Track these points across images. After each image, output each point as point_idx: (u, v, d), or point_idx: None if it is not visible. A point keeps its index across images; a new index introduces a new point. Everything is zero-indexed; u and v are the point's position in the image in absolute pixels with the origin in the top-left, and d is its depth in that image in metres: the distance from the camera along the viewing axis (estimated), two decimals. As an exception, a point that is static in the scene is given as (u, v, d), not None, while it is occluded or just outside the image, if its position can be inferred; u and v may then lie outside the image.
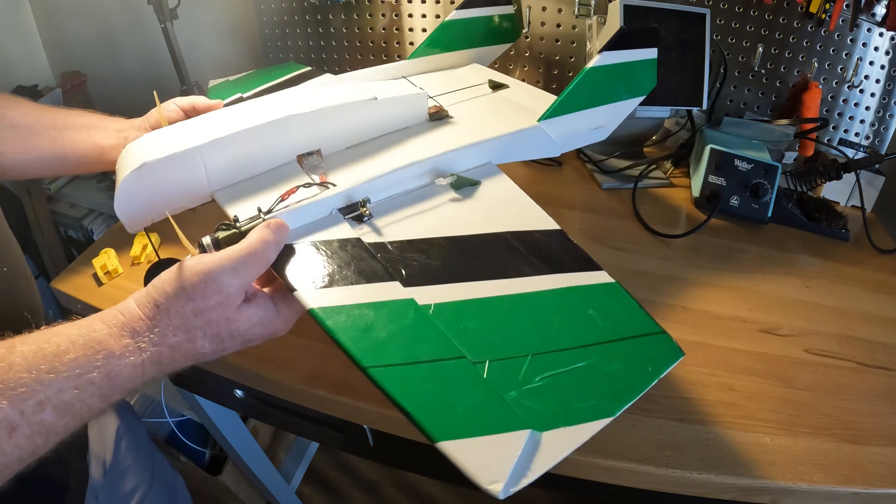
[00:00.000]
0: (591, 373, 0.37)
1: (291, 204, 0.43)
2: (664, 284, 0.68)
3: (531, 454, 0.32)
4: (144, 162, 0.42)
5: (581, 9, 0.87)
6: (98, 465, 0.61)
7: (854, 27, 0.85)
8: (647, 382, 0.36)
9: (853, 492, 0.48)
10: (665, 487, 0.50)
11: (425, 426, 0.33)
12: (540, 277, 0.42)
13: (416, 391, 0.34)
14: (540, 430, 0.33)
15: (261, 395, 0.64)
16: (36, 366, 0.32)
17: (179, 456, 1.13)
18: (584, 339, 0.38)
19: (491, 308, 0.40)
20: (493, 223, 0.46)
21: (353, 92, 0.53)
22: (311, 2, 1.03)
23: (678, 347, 0.39)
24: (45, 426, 0.32)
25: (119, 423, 0.67)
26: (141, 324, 0.36)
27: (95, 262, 0.67)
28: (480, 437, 0.32)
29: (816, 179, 0.84)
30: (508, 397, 0.35)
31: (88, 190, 1.34)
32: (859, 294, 0.69)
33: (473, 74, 0.71)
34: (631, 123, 0.88)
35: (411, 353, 0.36)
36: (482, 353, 0.37)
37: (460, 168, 0.51)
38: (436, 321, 0.38)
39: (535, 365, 0.36)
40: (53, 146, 0.55)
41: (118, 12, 1.23)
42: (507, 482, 0.31)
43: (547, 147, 0.59)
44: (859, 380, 0.57)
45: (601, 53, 0.57)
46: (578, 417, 0.34)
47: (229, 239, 0.41)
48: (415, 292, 0.40)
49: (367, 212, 0.45)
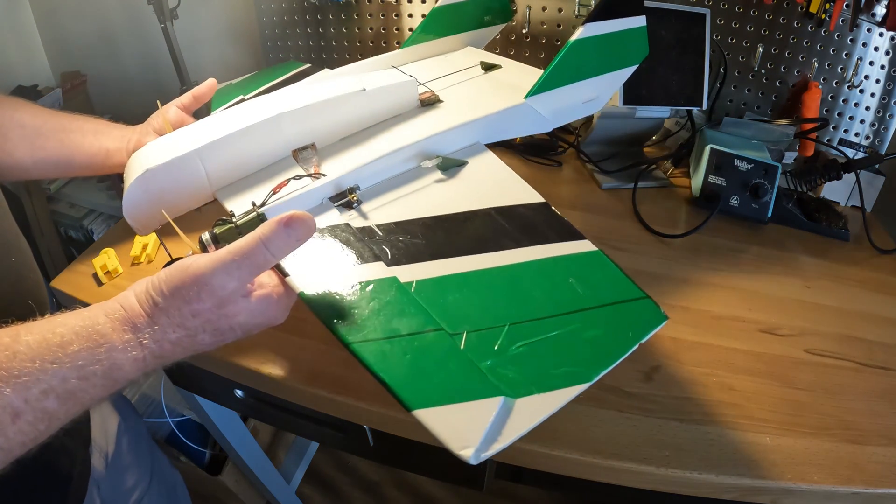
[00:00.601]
0: (569, 340, 0.37)
1: (283, 196, 0.45)
2: (664, 284, 0.68)
3: (503, 420, 0.33)
4: (148, 168, 0.45)
5: (581, 9, 0.87)
6: (100, 456, 0.62)
7: (854, 27, 0.85)
8: (627, 347, 0.37)
9: (853, 492, 0.48)
10: (665, 487, 0.50)
11: (401, 395, 0.34)
12: (521, 250, 0.43)
13: (394, 363, 0.36)
14: (514, 396, 0.34)
15: (261, 395, 0.64)
16: (40, 356, 0.32)
17: (179, 456, 1.13)
18: (563, 307, 0.39)
19: (471, 282, 0.41)
20: (478, 200, 0.47)
21: (343, 85, 0.53)
22: (310, 2, 1.03)
23: (661, 312, 0.39)
24: (47, 413, 0.33)
25: (120, 419, 0.68)
26: (142, 320, 0.36)
27: (95, 262, 0.67)
28: (454, 405, 0.34)
29: (816, 179, 0.84)
30: (483, 366, 0.36)
31: (88, 190, 1.34)
32: (859, 294, 0.69)
33: (467, 58, 0.71)
34: (631, 123, 0.89)
35: (392, 328, 0.38)
36: (460, 325, 0.38)
37: (448, 150, 0.53)
38: (417, 297, 0.40)
39: (513, 334, 0.37)
40: (61, 148, 0.56)
41: (118, 12, 1.23)
42: (478, 447, 0.32)
43: (537, 123, 0.59)
44: (859, 380, 0.57)
45: (584, 25, 0.56)
46: (554, 384, 0.35)
47: (226, 234, 0.42)
48: (398, 271, 0.41)
49: (355, 198, 0.47)
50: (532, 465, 0.52)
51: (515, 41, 0.99)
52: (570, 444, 0.50)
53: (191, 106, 0.59)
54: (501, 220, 0.46)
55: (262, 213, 0.44)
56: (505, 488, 1.31)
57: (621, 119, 0.87)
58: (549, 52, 0.98)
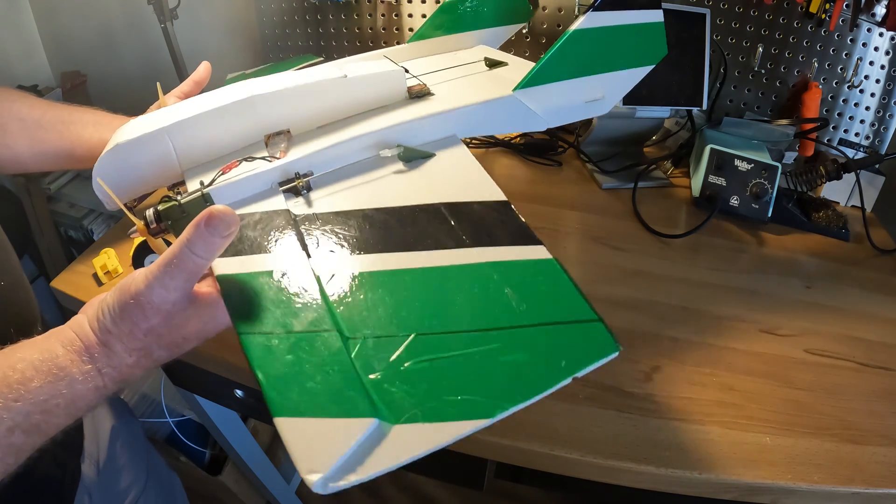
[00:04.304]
0: (482, 362, 0.31)
1: (232, 177, 0.44)
2: (664, 284, 0.68)
3: (370, 448, 0.28)
4: (117, 143, 0.45)
5: (581, 8, 0.87)
6: (91, 464, 0.61)
7: (854, 27, 0.85)
8: (555, 380, 0.30)
9: (853, 492, 0.48)
10: (665, 487, 0.50)
11: (269, 398, 0.30)
12: (460, 251, 0.38)
13: (274, 361, 0.32)
14: (392, 421, 0.28)
15: (261, 395, 0.64)
16: (2, 394, 0.33)
17: (179, 456, 1.13)
18: (486, 322, 0.33)
19: (391, 281, 0.36)
20: (431, 194, 0.43)
21: (323, 71, 0.52)
22: (310, 1, 1.03)
23: (613, 340, 0.32)
24: (14, 447, 0.33)
25: (114, 421, 0.67)
26: (97, 349, 0.36)
27: (95, 262, 0.67)
28: (318, 419, 0.29)
29: (816, 179, 0.84)
30: (367, 379, 0.30)
31: (88, 190, 1.33)
32: (859, 294, 0.69)
33: (475, 56, 0.68)
34: (631, 123, 0.89)
35: (285, 323, 0.34)
36: (360, 329, 0.33)
37: (421, 141, 0.49)
38: (326, 292, 0.35)
39: (416, 346, 0.32)
40: (61, 140, 0.55)
41: (118, 12, 1.23)
42: (328, 474, 0.27)
43: (527, 120, 0.54)
44: (859, 380, 0.57)
45: (587, 14, 0.49)
46: (444, 414, 0.29)
47: (169, 211, 0.42)
48: (319, 263, 0.38)
49: (302, 184, 0.44)
50: (532, 465, 0.52)
51: (515, 41, 0.99)
52: (570, 444, 0.49)
53: (192, 92, 0.58)
54: (449, 216, 0.41)
55: (207, 193, 0.42)
56: (505, 488, 1.31)
57: (621, 119, 0.86)
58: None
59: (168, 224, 0.42)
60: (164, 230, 0.43)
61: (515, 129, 0.55)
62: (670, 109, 0.87)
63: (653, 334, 0.61)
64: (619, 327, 0.61)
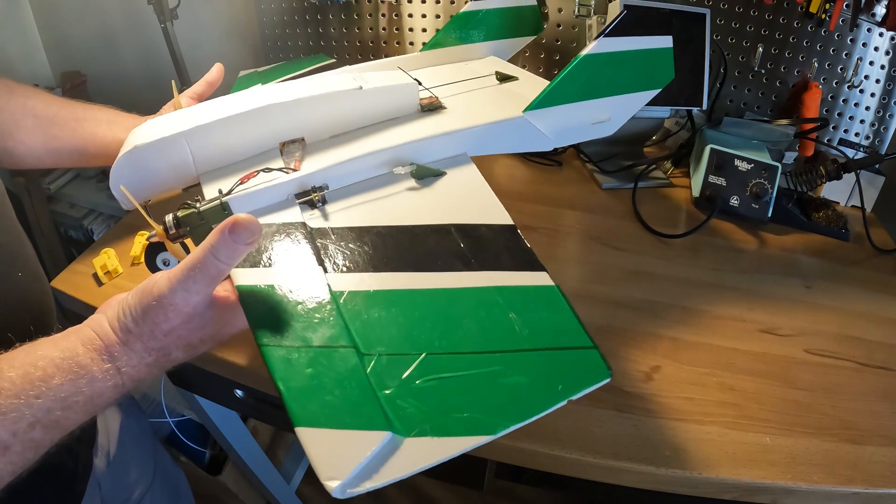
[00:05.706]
0: (484, 382, 0.34)
1: (250, 187, 0.45)
2: (664, 284, 0.68)
3: (384, 458, 0.30)
4: (136, 145, 0.45)
5: (581, 9, 0.87)
6: (102, 456, 0.62)
7: (854, 27, 0.85)
8: (552, 402, 0.32)
9: (853, 492, 0.48)
10: (665, 487, 0.50)
11: (290, 409, 0.32)
12: (468, 273, 0.40)
13: (295, 374, 0.34)
14: (404, 434, 0.31)
15: (261, 395, 0.64)
16: (25, 391, 0.34)
17: (179, 456, 1.13)
18: (491, 345, 0.36)
19: (403, 301, 0.38)
20: (442, 214, 0.45)
21: (339, 81, 0.53)
22: (311, 2, 1.03)
23: (605, 367, 0.34)
24: (34, 442, 0.34)
25: (123, 417, 0.68)
26: (117, 348, 0.37)
27: (95, 262, 0.67)
28: (337, 430, 0.31)
29: (816, 179, 0.84)
30: (382, 394, 0.33)
31: (88, 190, 1.34)
32: (859, 294, 0.69)
33: (486, 67, 0.69)
34: (631, 123, 0.88)
35: (305, 337, 0.36)
36: (374, 346, 0.35)
37: (432, 158, 0.50)
38: (343, 308, 0.37)
39: (426, 365, 0.34)
40: (74, 137, 0.56)
41: (118, 12, 1.23)
42: (346, 481, 0.29)
43: (535, 140, 0.56)
44: (859, 380, 0.57)
45: (599, 39, 0.51)
46: (452, 429, 0.31)
47: (188, 218, 0.43)
48: (334, 278, 0.39)
49: (318, 197, 0.45)
50: (532, 464, 0.52)
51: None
52: (570, 444, 0.50)
53: (205, 93, 0.59)
54: (459, 238, 0.43)
55: (225, 201, 0.44)
56: (505, 488, 1.31)
57: (621, 119, 0.87)
58: (549, 55, 0.98)
59: (186, 230, 0.43)
60: (182, 236, 0.44)
61: (524, 149, 0.57)
62: (670, 109, 0.87)
63: (653, 334, 0.61)
64: (619, 327, 0.61)
